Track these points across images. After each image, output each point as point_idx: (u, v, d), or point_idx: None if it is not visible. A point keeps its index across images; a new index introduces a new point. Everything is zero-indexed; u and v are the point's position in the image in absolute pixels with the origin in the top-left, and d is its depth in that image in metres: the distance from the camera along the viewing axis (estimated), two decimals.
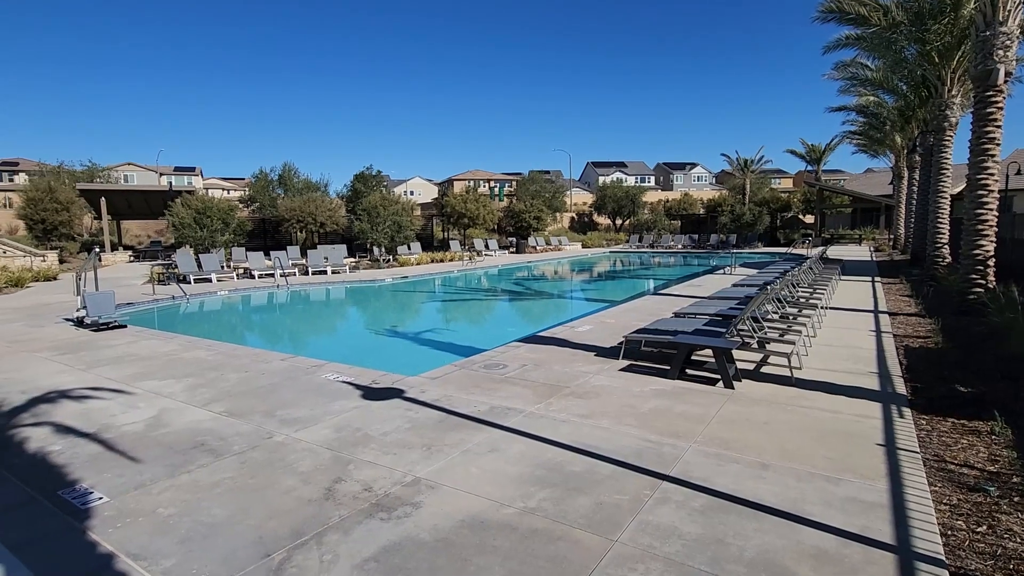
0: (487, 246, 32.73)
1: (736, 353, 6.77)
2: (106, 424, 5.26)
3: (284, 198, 33.10)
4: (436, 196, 49.20)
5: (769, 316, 8.24)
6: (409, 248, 27.76)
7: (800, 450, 4.44)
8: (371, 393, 6.06)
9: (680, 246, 37.81)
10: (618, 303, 13.20)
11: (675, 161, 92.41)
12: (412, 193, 63.37)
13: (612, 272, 26.83)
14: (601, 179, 66.95)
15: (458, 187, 55.84)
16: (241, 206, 35.76)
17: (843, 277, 16.46)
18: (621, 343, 7.66)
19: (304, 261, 22.65)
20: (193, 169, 77.56)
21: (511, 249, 35.49)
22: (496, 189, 55.39)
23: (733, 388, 6.01)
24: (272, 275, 19.57)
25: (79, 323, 10.75)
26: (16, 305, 13.93)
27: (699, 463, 4.22)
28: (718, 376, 6.26)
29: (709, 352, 6.74)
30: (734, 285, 12.89)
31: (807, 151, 52.50)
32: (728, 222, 37.78)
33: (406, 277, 20.82)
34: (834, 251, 27.94)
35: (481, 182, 66.64)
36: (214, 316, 14.77)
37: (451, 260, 27.54)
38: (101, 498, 3.76)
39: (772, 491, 3.77)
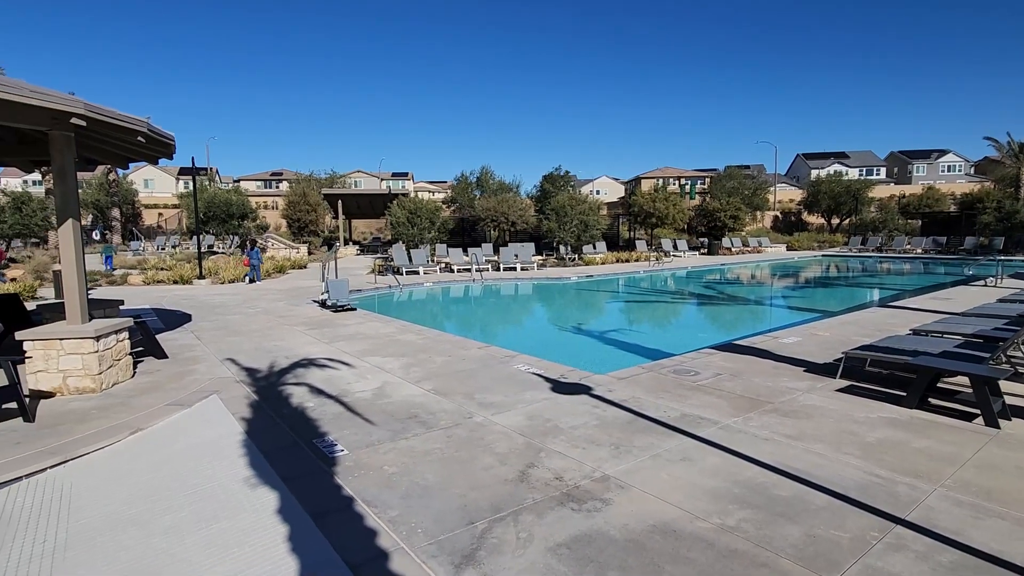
0: (675, 246, 31.37)
1: (1005, 385, 5.42)
2: (344, 390, 6.28)
3: (480, 199, 35.84)
4: (623, 195, 48.66)
5: None
6: (594, 247, 27.94)
7: None
8: (559, 387, 6.24)
9: (920, 250, 31.70)
10: (834, 314, 11.57)
11: (916, 149, 77.38)
12: (598, 192, 63.62)
13: (825, 278, 23.61)
14: (814, 172, 59.40)
15: (646, 185, 54.44)
16: (444, 207, 39.73)
17: None
18: (839, 360, 6.70)
19: (496, 258, 24.25)
20: (406, 174, 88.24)
21: (702, 250, 33.48)
22: (687, 187, 52.69)
23: (999, 427, 4.84)
24: (469, 270, 21.37)
25: (322, 304, 13.02)
26: (280, 288, 17.46)
27: (948, 511, 3.49)
28: (976, 411, 5.09)
29: (963, 380, 5.52)
30: (1001, 300, 10.36)
31: None
32: (993, 222, 30.46)
33: (591, 276, 21.00)
34: None
35: (671, 180, 63.91)
36: (420, 304, 16.65)
37: (637, 260, 27.01)
38: (343, 450, 4.51)
39: None
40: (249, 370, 7.20)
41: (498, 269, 22.81)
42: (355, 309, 12.43)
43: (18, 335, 6.19)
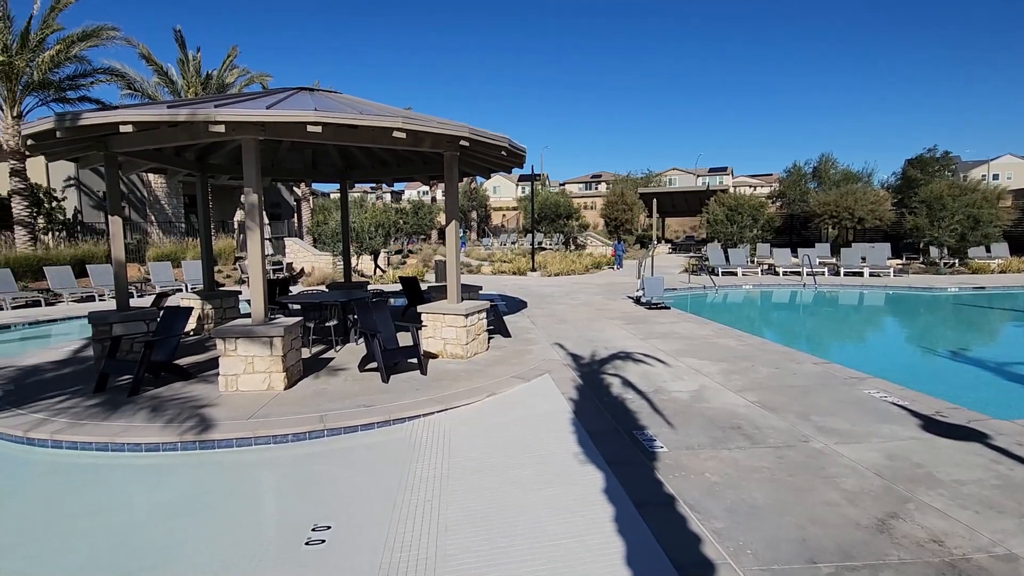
0: None
1: None
2: (660, 387, 6.29)
3: (816, 192, 31.23)
4: None
5: None
6: (988, 250, 21.16)
7: None
8: (934, 425, 4.91)
9: None
10: None
11: None
12: (996, 177, 48.13)
13: None
14: None
15: None
16: (768, 202, 36.10)
17: None
18: None
19: (834, 260, 20.78)
20: (725, 169, 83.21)
21: None
22: None
23: None
24: (798, 273, 18.89)
25: (636, 301, 13.38)
26: (597, 282, 18.71)
27: None
28: None
29: None
30: None
31: None
32: None
33: (981, 288, 15.99)
34: None
35: None
36: (737, 308, 15.50)
37: None
38: (662, 447, 4.51)
39: None
40: (574, 355, 7.90)
41: (837, 273, 19.50)
42: (669, 308, 12.38)
43: (418, 308, 8.21)
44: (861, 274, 18.94)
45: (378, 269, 22.89)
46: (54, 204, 20.42)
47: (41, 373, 7.22)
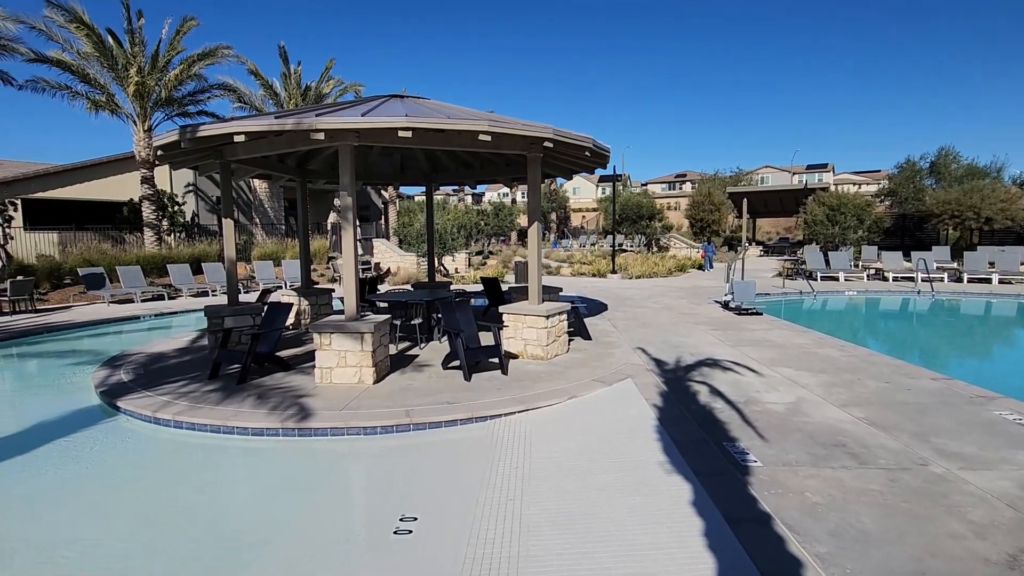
0: None
1: None
2: (752, 398, 5.94)
3: (934, 189, 28.27)
4: None
5: None
6: None
7: None
8: None
9: None
10: None
11: None
12: None
13: None
14: None
15: None
16: (875, 201, 33.15)
17: None
18: None
19: (955, 265, 18.69)
20: (825, 166, 77.42)
21: None
22: None
23: None
24: (911, 278, 17.19)
25: (725, 305, 12.73)
26: (681, 285, 18.03)
27: None
28: None
29: None
30: None
31: None
32: None
33: None
34: None
35: None
36: (839, 315, 14.34)
37: None
38: (755, 461, 4.25)
39: None
40: (657, 361, 7.65)
41: (959, 280, 17.53)
42: (761, 314, 11.69)
43: (499, 309, 8.30)
44: (989, 280, 16.90)
45: (442, 268, 23.38)
46: (176, 208, 22.73)
47: (165, 360, 8.06)
